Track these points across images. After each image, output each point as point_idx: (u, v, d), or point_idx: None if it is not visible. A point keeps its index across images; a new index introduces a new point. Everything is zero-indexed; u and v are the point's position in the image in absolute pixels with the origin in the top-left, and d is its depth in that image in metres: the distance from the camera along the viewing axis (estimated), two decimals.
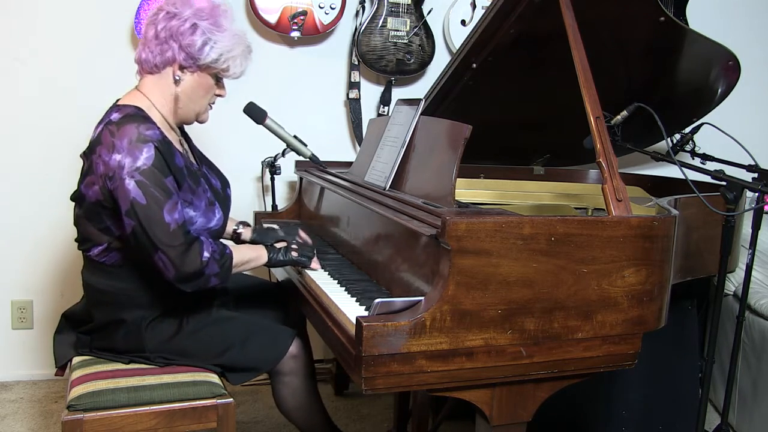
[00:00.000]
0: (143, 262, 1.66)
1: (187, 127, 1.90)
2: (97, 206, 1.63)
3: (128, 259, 1.69)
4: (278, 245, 1.86)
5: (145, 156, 1.55)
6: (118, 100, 1.73)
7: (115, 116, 1.61)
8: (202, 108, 1.77)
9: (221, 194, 1.85)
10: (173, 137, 1.73)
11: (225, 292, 1.96)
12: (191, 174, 1.71)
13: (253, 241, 2.05)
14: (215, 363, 1.75)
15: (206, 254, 1.59)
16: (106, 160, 1.55)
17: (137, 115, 1.62)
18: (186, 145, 1.85)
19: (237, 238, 2.08)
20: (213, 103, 1.80)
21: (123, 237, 1.64)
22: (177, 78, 1.68)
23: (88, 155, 1.65)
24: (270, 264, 1.82)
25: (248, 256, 1.76)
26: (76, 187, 1.70)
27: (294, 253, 1.84)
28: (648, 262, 1.48)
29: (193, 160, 1.84)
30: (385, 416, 2.61)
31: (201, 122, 1.81)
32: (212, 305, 1.84)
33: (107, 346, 1.76)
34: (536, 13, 1.96)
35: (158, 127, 1.63)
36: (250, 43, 1.76)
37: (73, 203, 1.71)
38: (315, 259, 1.89)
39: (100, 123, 1.66)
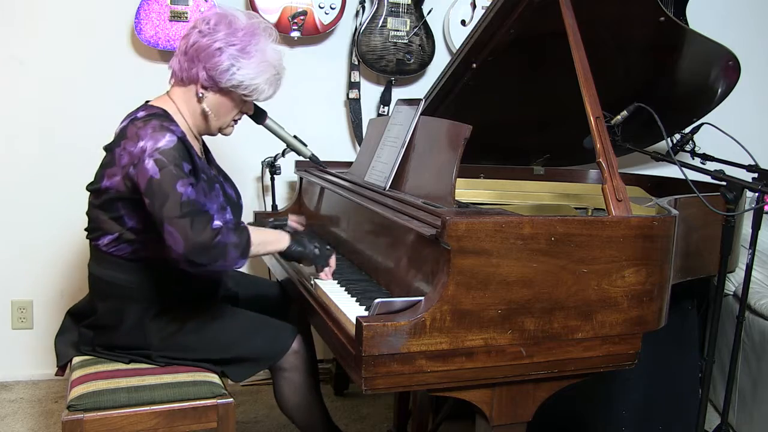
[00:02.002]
0: (153, 257, 1.69)
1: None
2: (114, 197, 1.66)
3: (138, 252, 1.71)
4: (301, 235, 1.83)
5: (167, 139, 1.58)
6: (148, 101, 1.76)
7: (141, 114, 1.66)
8: (224, 123, 1.79)
9: (235, 203, 1.87)
10: (195, 144, 1.77)
11: (228, 288, 1.97)
12: (207, 178, 1.74)
13: None
14: (218, 357, 1.75)
15: (217, 222, 1.56)
16: (131, 150, 1.59)
17: (163, 115, 1.66)
18: (205, 157, 1.87)
19: None
20: (239, 118, 1.82)
21: (134, 229, 1.67)
22: (200, 95, 1.71)
23: (111, 149, 1.68)
24: (289, 250, 1.76)
25: (267, 237, 1.73)
26: (81, 182, 1.73)
27: (316, 250, 1.79)
28: (648, 262, 1.48)
29: (211, 168, 1.86)
30: (385, 416, 2.61)
31: (225, 135, 1.83)
32: (216, 301, 1.85)
33: (110, 342, 1.76)
34: (536, 13, 1.96)
35: (181, 130, 1.67)
36: (282, 67, 1.74)
37: (89, 194, 1.73)
38: (333, 258, 1.82)
39: (126, 119, 1.69)
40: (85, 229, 1.77)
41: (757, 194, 1.94)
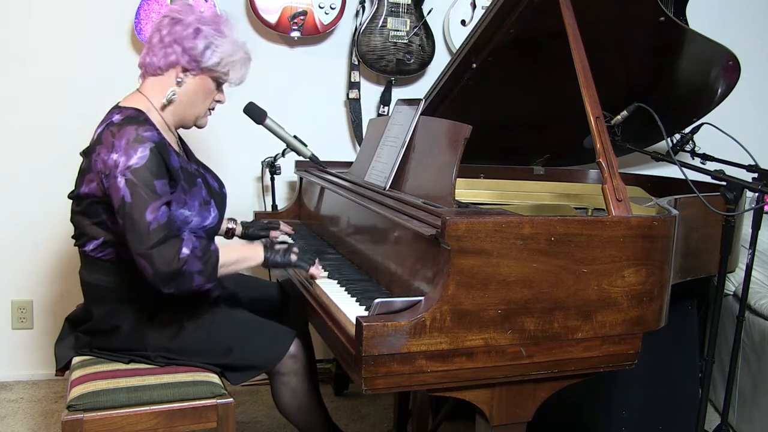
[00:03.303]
0: None
1: (187, 131, 1.91)
2: (94, 202, 1.66)
3: (125, 255, 1.68)
4: (278, 246, 1.83)
5: (139, 155, 1.57)
6: (119, 103, 1.76)
7: (116, 118, 1.65)
8: (201, 112, 1.81)
9: (219, 193, 1.87)
10: (171, 139, 1.77)
11: (226, 287, 1.96)
12: (187, 175, 1.74)
13: (245, 235, 2.11)
14: (215, 362, 1.75)
15: (185, 250, 1.56)
16: (105, 158, 1.59)
17: (137, 118, 1.65)
18: (182, 149, 1.87)
19: (231, 234, 2.12)
20: (212, 108, 1.84)
21: (119, 232, 1.65)
22: (179, 80, 1.72)
23: (88, 154, 1.68)
24: (266, 263, 1.78)
25: (240, 255, 1.73)
26: (74, 186, 1.72)
27: (293, 257, 1.78)
28: (648, 262, 1.48)
29: (190, 162, 1.86)
30: (385, 416, 2.61)
31: (199, 127, 1.85)
32: (214, 302, 1.85)
33: (107, 345, 1.76)
34: (536, 13, 1.96)
35: (156, 129, 1.66)
36: (249, 52, 1.80)
37: (71, 201, 1.74)
38: (316, 265, 1.80)
39: (101, 124, 1.69)
40: (72, 237, 1.76)
41: (757, 194, 1.93)
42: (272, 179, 2.71)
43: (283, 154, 2.54)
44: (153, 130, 1.63)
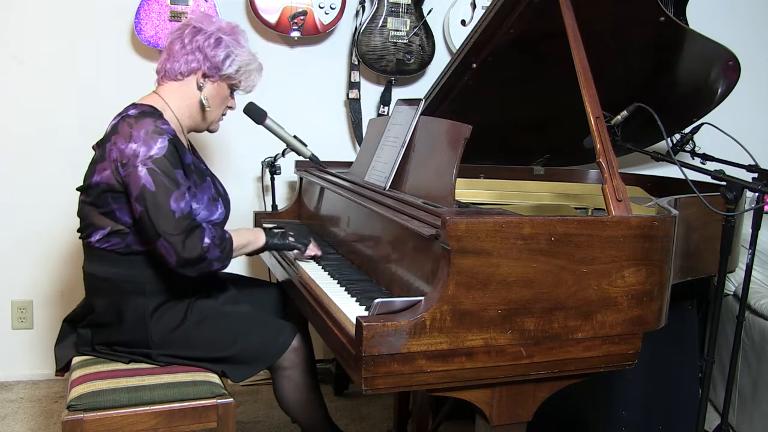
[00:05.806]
0: (147, 249, 1.72)
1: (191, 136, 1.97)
2: (105, 191, 1.69)
3: (131, 245, 1.73)
4: (276, 230, 1.96)
5: (159, 146, 1.65)
6: (134, 102, 1.81)
7: (132, 111, 1.72)
8: (216, 117, 1.91)
9: (225, 196, 1.94)
10: (183, 140, 1.83)
11: (227, 287, 1.98)
12: (198, 171, 1.82)
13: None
14: (218, 356, 1.76)
15: (207, 240, 1.67)
16: (121, 147, 1.65)
17: (153, 113, 1.72)
18: (192, 153, 1.92)
19: None
20: (224, 114, 1.94)
21: (126, 223, 1.71)
22: (200, 85, 1.81)
23: (101, 144, 1.73)
24: (267, 246, 1.89)
25: (247, 239, 1.84)
26: (80, 182, 1.76)
27: (290, 239, 1.93)
28: (648, 262, 1.48)
29: (200, 162, 1.93)
30: (385, 416, 2.61)
31: (211, 131, 1.95)
32: (217, 297, 1.88)
33: (109, 339, 1.77)
34: (536, 13, 1.96)
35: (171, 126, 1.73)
36: (261, 63, 1.91)
37: (79, 193, 1.77)
38: (312, 246, 1.96)
39: (116, 117, 1.75)
40: (78, 230, 1.79)
41: (757, 194, 1.93)
42: (272, 179, 2.71)
43: (283, 154, 2.54)
44: (168, 125, 1.71)
